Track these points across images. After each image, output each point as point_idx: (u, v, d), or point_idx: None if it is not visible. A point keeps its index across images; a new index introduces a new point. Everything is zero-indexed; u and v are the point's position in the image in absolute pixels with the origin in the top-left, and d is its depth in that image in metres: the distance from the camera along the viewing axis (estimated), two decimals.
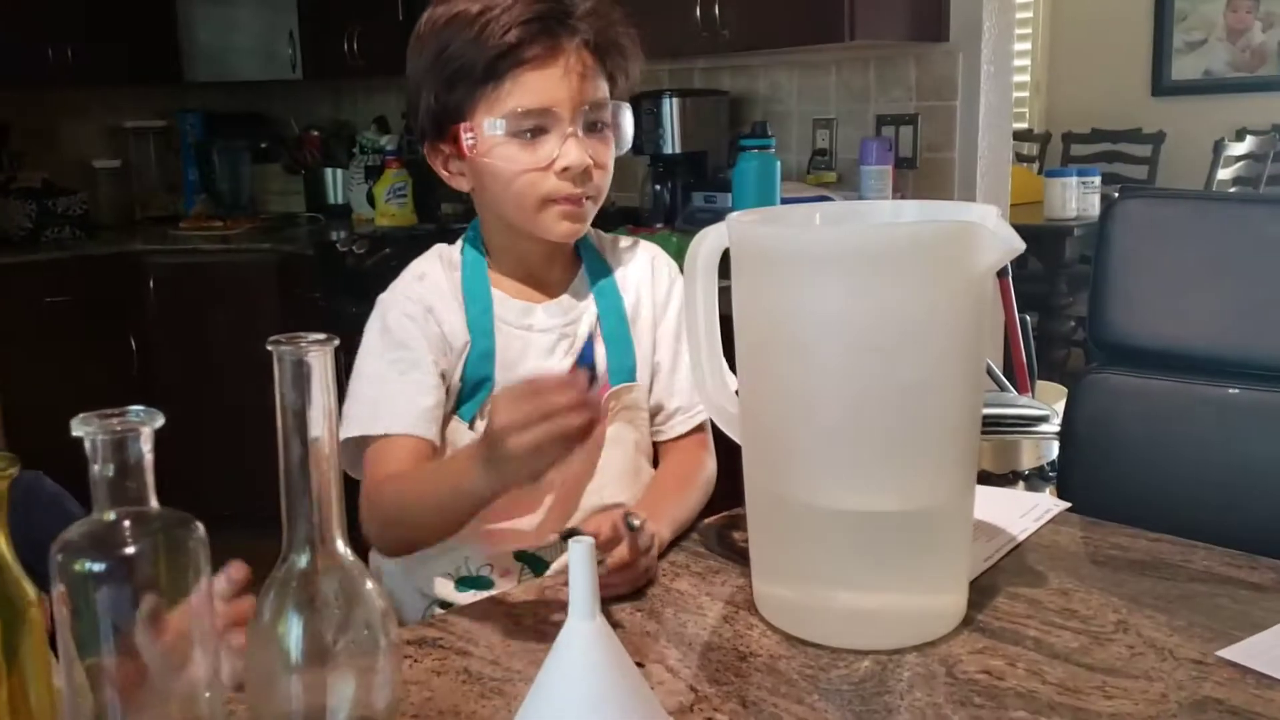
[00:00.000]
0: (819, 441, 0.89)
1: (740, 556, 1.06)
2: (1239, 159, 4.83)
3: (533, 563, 1.22)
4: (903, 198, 2.82)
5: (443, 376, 1.20)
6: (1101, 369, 1.47)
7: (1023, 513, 1.20)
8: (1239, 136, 4.89)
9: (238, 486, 2.74)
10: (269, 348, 0.66)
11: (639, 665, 0.87)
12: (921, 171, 2.82)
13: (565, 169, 1.14)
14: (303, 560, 0.68)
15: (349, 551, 0.70)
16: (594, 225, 1.28)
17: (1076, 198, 3.73)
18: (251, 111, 4.42)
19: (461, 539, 1.18)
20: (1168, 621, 0.94)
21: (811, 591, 0.92)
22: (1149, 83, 5.73)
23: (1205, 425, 1.39)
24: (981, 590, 0.98)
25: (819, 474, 0.90)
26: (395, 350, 1.19)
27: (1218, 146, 4.74)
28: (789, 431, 0.90)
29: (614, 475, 1.24)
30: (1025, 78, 5.95)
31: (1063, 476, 1.52)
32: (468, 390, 1.22)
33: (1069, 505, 1.23)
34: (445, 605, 1.22)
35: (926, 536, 0.90)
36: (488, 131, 1.15)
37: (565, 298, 1.25)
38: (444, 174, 1.23)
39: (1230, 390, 1.37)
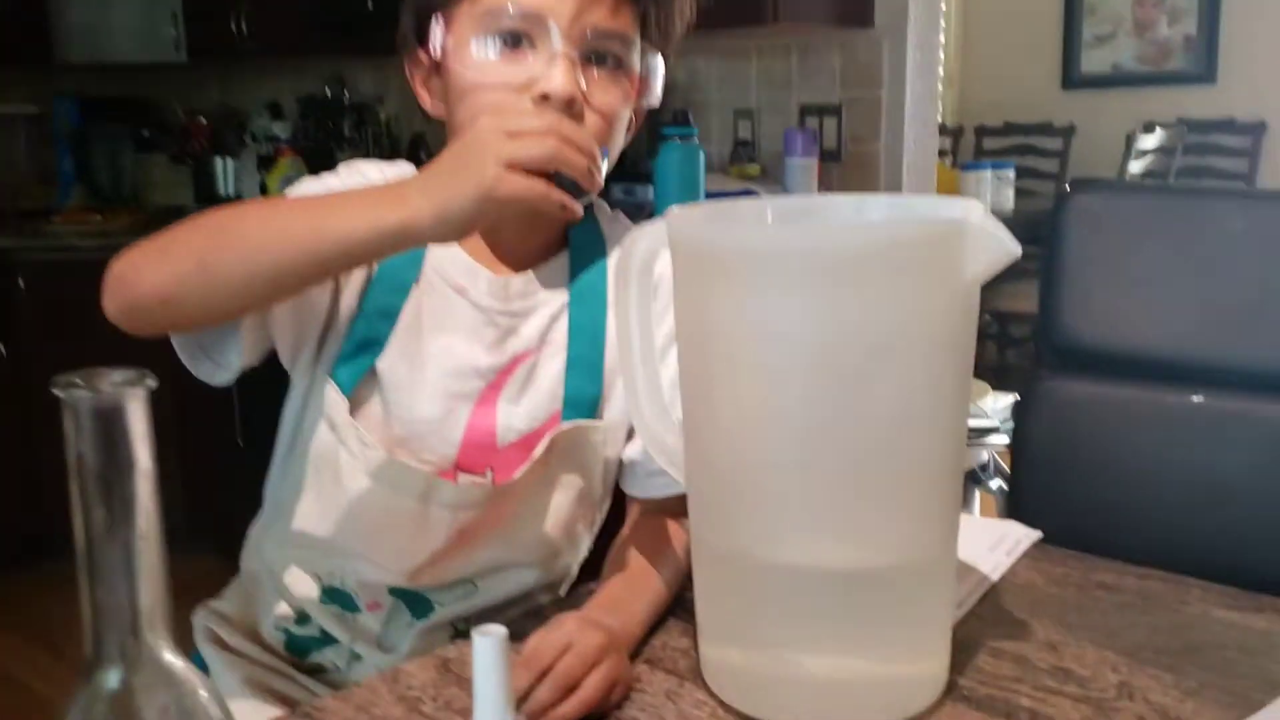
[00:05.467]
0: (776, 485, 0.74)
1: (684, 611, 0.90)
2: (1148, 152, 4.83)
3: (413, 601, 1.01)
4: (829, 191, 2.70)
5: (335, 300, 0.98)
6: (1055, 376, 1.36)
7: (991, 545, 1.07)
8: (1147, 129, 4.89)
9: None
10: (56, 391, 0.48)
11: None
12: (846, 165, 2.70)
13: (545, 96, 0.89)
14: (113, 678, 0.51)
15: (178, 659, 0.53)
16: None
17: (992, 192, 3.68)
18: (132, 96, 4.15)
19: (340, 554, 0.99)
20: (1176, 683, 0.81)
21: (770, 661, 0.77)
22: (1059, 76, 5.73)
23: (1167, 436, 1.28)
24: (960, 645, 0.84)
25: (776, 524, 0.75)
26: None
27: (1129, 139, 4.73)
28: (739, 473, 0.75)
29: (534, 532, 1.01)
30: (939, 71, 5.91)
31: (1016, 494, 1.40)
32: (350, 349, 0.98)
33: (1040, 535, 1.10)
34: (303, 619, 1.04)
35: (905, 595, 0.76)
36: (464, 25, 0.92)
37: (522, 278, 1.00)
38: (422, 95, 1.00)
39: (1194, 398, 1.27)
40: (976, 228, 0.70)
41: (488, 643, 0.54)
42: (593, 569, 1.03)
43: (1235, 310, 1.26)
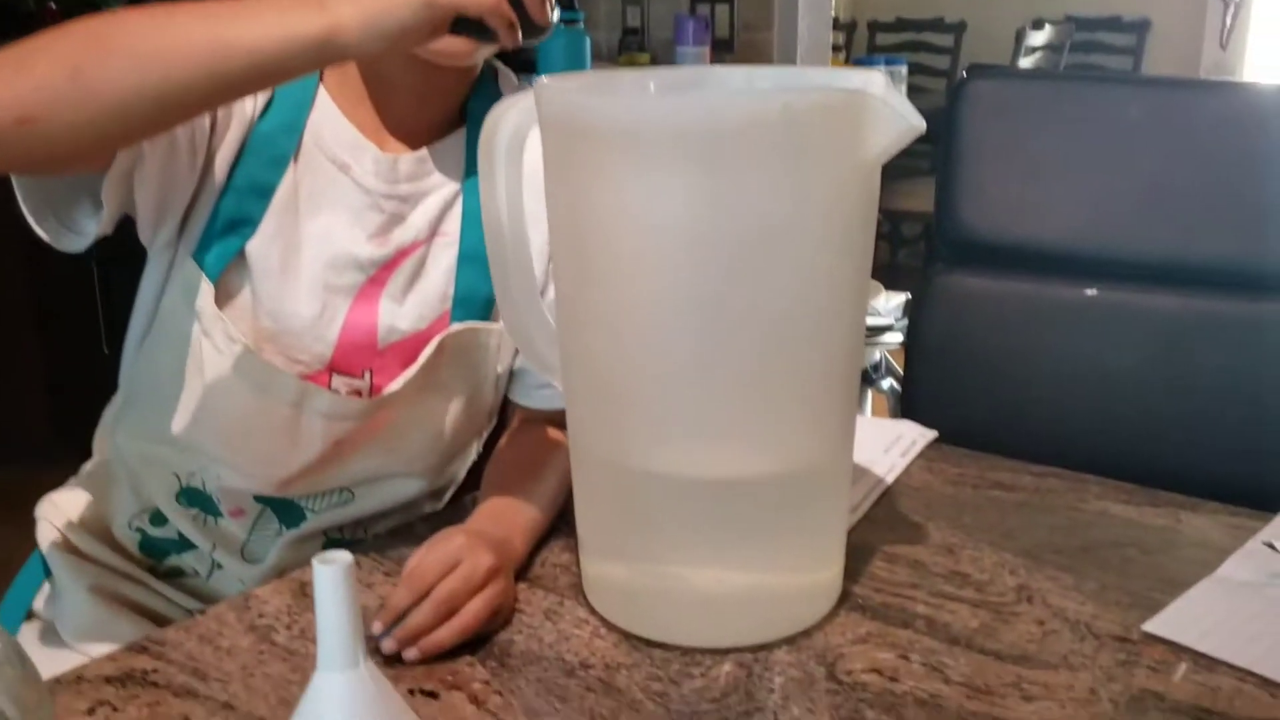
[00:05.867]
0: (658, 388, 0.68)
1: (565, 525, 0.84)
2: (1038, 49, 4.82)
3: (282, 509, 0.92)
4: None
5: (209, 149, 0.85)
6: (950, 270, 1.32)
7: (886, 446, 1.03)
8: (1036, 26, 4.88)
9: None
10: None
11: (431, 695, 0.65)
12: (738, 54, 2.62)
13: None
14: None
15: None
16: None
17: None
18: None
19: (199, 454, 0.90)
20: (1075, 584, 0.78)
21: (654, 577, 0.71)
22: None
23: (1061, 330, 1.26)
24: (854, 551, 0.80)
25: (659, 429, 0.69)
26: None
27: (1019, 35, 4.71)
28: (619, 373, 0.69)
29: (419, 443, 0.92)
30: None
31: (910, 392, 1.36)
32: (218, 228, 0.86)
33: (935, 435, 1.06)
34: (159, 519, 0.94)
35: (798, 503, 0.71)
36: None
37: (413, 158, 0.89)
38: None
39: (1087, 291, 1.24)
40: (878, 101, 0.64)
41: (330, 573, 0.47)
42: (474, 475, 0.97)
43: (1128, 202, 1.23)
